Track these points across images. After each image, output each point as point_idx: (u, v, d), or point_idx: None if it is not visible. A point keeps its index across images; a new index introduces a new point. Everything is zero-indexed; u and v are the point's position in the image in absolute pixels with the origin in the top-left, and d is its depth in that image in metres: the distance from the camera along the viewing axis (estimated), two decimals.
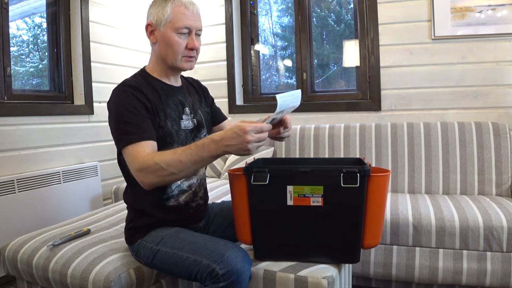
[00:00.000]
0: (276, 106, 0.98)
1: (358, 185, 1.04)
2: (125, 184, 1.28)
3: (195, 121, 1.27)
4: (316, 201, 1.08)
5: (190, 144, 1.04)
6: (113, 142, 1.17)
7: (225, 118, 1.48)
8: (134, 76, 1.22)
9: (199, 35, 1.21)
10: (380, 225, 1.13)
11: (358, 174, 1.04)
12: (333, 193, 1.07)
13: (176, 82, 1.29)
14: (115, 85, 1.18)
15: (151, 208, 1.20)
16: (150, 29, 1.19)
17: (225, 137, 0.98)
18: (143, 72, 1.24)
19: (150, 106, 1.14)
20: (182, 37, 1.16)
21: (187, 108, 1.26)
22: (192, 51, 1.19)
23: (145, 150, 1.06)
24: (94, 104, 2.49)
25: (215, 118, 1.44)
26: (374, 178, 1.06)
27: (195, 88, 1.39)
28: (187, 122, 1.24)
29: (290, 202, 1.09)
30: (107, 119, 1.21)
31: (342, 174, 1.05)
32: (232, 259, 1.01)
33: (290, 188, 1.08)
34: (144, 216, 1.21)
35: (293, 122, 2.67)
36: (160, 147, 1.14)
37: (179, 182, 1.22)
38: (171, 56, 1.18)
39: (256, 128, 0.96)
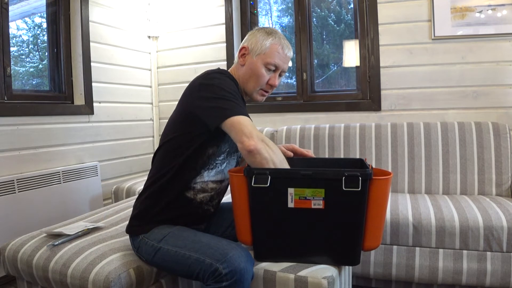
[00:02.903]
0: None
1: (360, 188, 1.04)
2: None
3: None
4: (317, 203, 1.08)
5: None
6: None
7: None
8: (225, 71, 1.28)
9: (281, 75, 1.31)
10: (381, 228, 1.13)
11: (360, 178, 1.04)
12: (334, 196, 1.07)
13: (246, 98, 1.34)
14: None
15: (168, 193, 1.21)
16: (243, 52, 1.27)
17: None
18: (233, 77, 1.26)
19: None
20: (268, 72, 1.25)
21: None
22: (270, 87, 1.28)
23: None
24: (94, 104, 2.49)
25: None
26: (376, 182, 1.06)
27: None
28: None
29: (291, 205, 1.09)
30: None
31: (344, 178, 1.05)
32: (236, 259, 1.01)
33: (291, 190, 1.08)
34: (154, 202, 1.21)
35: (293, 122, 2.69)
36: (217, 141, 1.20)
37: (206, 179, 1.23)
38: (252, 84, 1.25)
39: None
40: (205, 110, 1.13)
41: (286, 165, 1.12)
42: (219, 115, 1.10)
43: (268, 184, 1.07)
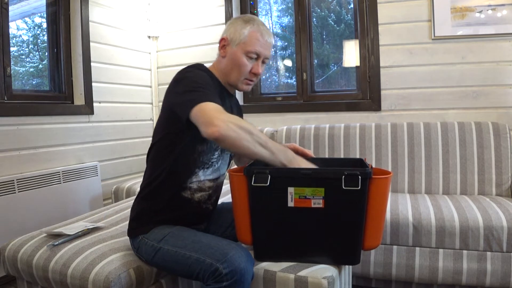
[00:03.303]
0: None
1: (359, 187, 1.04)
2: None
3: None
4: (317, 203, 1.08)
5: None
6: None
7: None
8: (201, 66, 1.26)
9: (264, 62, 1.27)
10: (381, 227, 1.13)
11: (360, 177, 1.04)
12: (334, 195, 1.07)
13: (232, 91, 1.34)
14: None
15: (165, 195, 1.21)
16: (223, 43, 1.26)
17: (299, 163, 1.11)
18: (206, 69, 1.27)
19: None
20: (250, 61, 1.22)
21: None
22: (254, 76, 1.25)
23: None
24: (94, 104, 2.49)
25: None
26: (375, 181, 1.06)
27: (238, 106, 1.46)
28: None
29: (290, 204, 1.09)
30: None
31: (343, 177, 1.05)
32: (236, 259, 1.01)
33: (291, 189, 1.08)
34: (153, 203, 1.22)
35: (293, 122, 2.68)
36: (207, 146, 1.20)
37: (202, 178, 1.23)
38: (235, 75, 1.23)
39: None
40: (177, 104, 1.11)
41: (263, 136, 1.06)
42: (186, 106, 1.06)
43: (268, 183, 1.07)
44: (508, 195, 1.97)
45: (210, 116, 1.01)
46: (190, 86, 1.11)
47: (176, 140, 1.18)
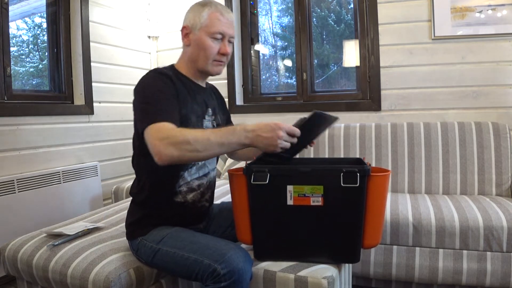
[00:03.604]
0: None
1: (358, 184, 1.04)
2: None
3: (215, 124, 1.30)
4: (316, 200, 1.08)
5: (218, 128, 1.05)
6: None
7: None
8: (164, 68, 1.25)
9: (231, 42, 1.24)
10: (380, 225, 1.13)
11: (358, 174, 1.04)
12: (333, 192, 1.07)
13: (203, 84, 1.32)
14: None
15: (158, 202, 1.21)
16: (185, 32, 1.24)
17: (258, 127, 1.01)
18: (172, 67, 1.26)
19: (177, 95, 1.15)
20: (215, 42, 1.20)
21: (210, 109, 1.29)
22: (223, 56, 1.22)
23: (170, 127, 1.06)
24: (94, 104, 2.49)
25: None
26: (374, 178, 1.06)
27: (216, 95, 1.42)
28: (208, 123, 1.27)
29: (290, 202, 1.09)
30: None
31: (342, 174, 1.05)
32: (234, 259, 1.01)
33: (290, 187, 1.08)
34: (149, 211, 1.22)
35: (293, 122, 2.68)
36: None
37: (189, 179, 1.23)
38: (203, 59, 1.21)
39: (290, 129, 1.02)
40: (135, 120, 1.14)
41: (202, 136, 1.01)
42: (142, 121, 1.07)
43: (267, 182, 1.07)
44: (508, 195, 1.97)
45: (152, 144, 1.02)
46: (143, 100, 1.11)
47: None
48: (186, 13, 1.26)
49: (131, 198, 1.30)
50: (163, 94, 1.12)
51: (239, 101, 2.89)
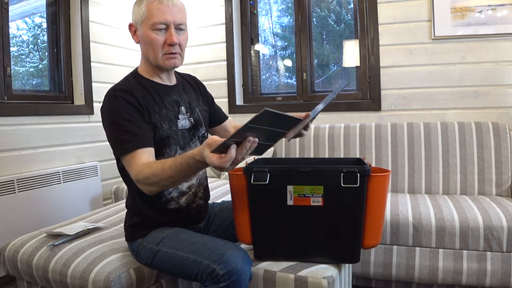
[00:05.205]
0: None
1: (358, 185, 1.04)
2: (125, 184, 1.28)
3: (192, 120, 1.26)
4: (316, 201, 1.08)
5: (177, 156, 1.01)
6: None
7: (226, 117, 1.47)
8: (126, 78, 1.21)
9: (181, 29, 1.16)
10: (380, 225, 1.13)
11: (358, 174, 1.04)
12: (333, 193, 1.07)
13: (170, 81, 1.26)
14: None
15: (151, 211, 1.21)
16: (133, 30, 1.19)
17: (204, 160, 0.89)
18: (135, 74, 1.23)
19: (142, 110, 1.12)
20: (160, 34, 1.12)
21: (183, 107, 1.24)
22: (172, 47, 1.14)
23: (140, 159, 1.05)
24: (94, 104, 2.49)
25: (216, 118, 1.43)
26: (374, 178, 1.06)
27: (191, 85, 1.35)
28: (184, 122, 1.23)
29: (290, 202, 1.09)
30: None
31: (342, 174, 1.05)
32: (232, 260, 1.01)
33: (290, 188, 1.08)
34: (144, 218, 1.22)
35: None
36: (159, 149, 1.15)
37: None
38: (152, 54, 1.15)
39: (220, 148, 0.85)
40: (108, 141, 1.14)
41: (163, 171, 0.99)
42: (115, 151, 1.11)
43: (267, 182, 1.07)
44: (508, 195, 1.97)
45: (132, 176, 1.07)
46: (110, 127, 1.11)
47: None
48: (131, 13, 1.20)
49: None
50: (127, 118, 1.09)
51: (239, 101, 2.89)
